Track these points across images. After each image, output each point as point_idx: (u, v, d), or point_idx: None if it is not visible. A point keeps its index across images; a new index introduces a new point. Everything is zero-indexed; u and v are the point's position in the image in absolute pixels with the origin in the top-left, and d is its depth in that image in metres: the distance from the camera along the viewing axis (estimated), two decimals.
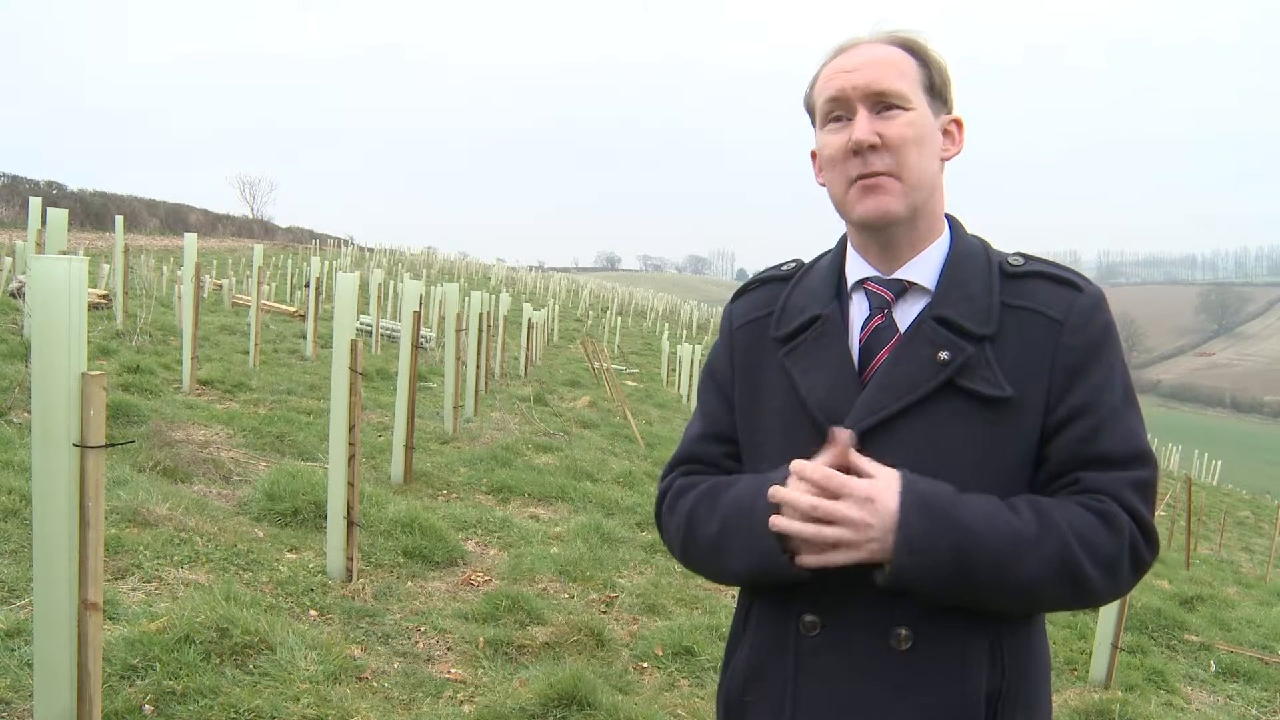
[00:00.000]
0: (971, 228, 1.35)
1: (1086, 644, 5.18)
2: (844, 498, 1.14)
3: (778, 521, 1.17)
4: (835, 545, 1.15)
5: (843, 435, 1.17)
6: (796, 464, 1.17)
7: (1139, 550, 1.18)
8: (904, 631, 1.19)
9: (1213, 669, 5.55)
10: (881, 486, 1.14)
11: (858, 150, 1.22)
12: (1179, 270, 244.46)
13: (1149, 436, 1.27)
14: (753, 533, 1.21)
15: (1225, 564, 13.39)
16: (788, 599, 1.25)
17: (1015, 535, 1.13)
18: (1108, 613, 4.74)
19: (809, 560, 1.17)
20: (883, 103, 1.23)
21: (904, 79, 1.24)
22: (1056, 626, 5.69)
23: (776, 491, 1.17)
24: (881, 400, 1.21)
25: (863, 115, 1.22)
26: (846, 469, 1.17)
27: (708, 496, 1.31)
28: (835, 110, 1.25)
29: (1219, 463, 40.96)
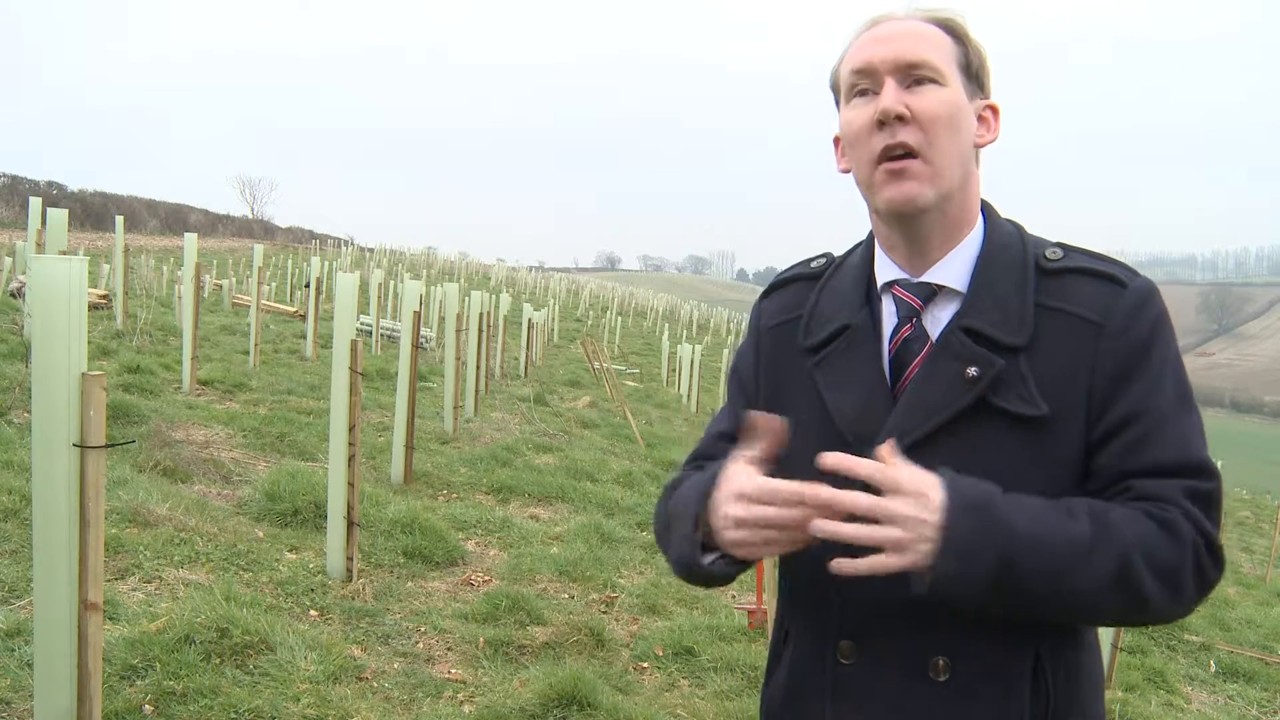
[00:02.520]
0: (1016, 222, 1.25)
1: None
2: (895, 494, 1.03)
3: (823, 525, 1.04)
4: (884, 547, 1.03)
5: (886, 446, 1.08)
6: (836, 458, 1.05)
7: (1203, 565, 1.08)
8: (942, 661, 1.13)
9: (1213, 669, 5.55)
10: (932, 482, 1.04)
11: (884, 121, 1.12)
12: (1179, 270, 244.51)
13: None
14: (684, 518, 1.17)
15: (1225, 564, 13.36)
16: (824, 621, 1.20)
17: (1070, 542, 1.04)
18: None
19: (850, 565, 1.05)
20: (913, 75, 1.13)
21: (938, 52, 1.15)
22: None
23: (821, 493, 1.04)
24: (910, 422, 1.13)
25: (891, 85, 1.13)
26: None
27: (672, 486, 1.28)
28: (861, 83, 1.16)
29: (1219, 463, 40.56)
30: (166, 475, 5.75)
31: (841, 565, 1.06)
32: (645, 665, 4.11)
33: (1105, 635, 4.74)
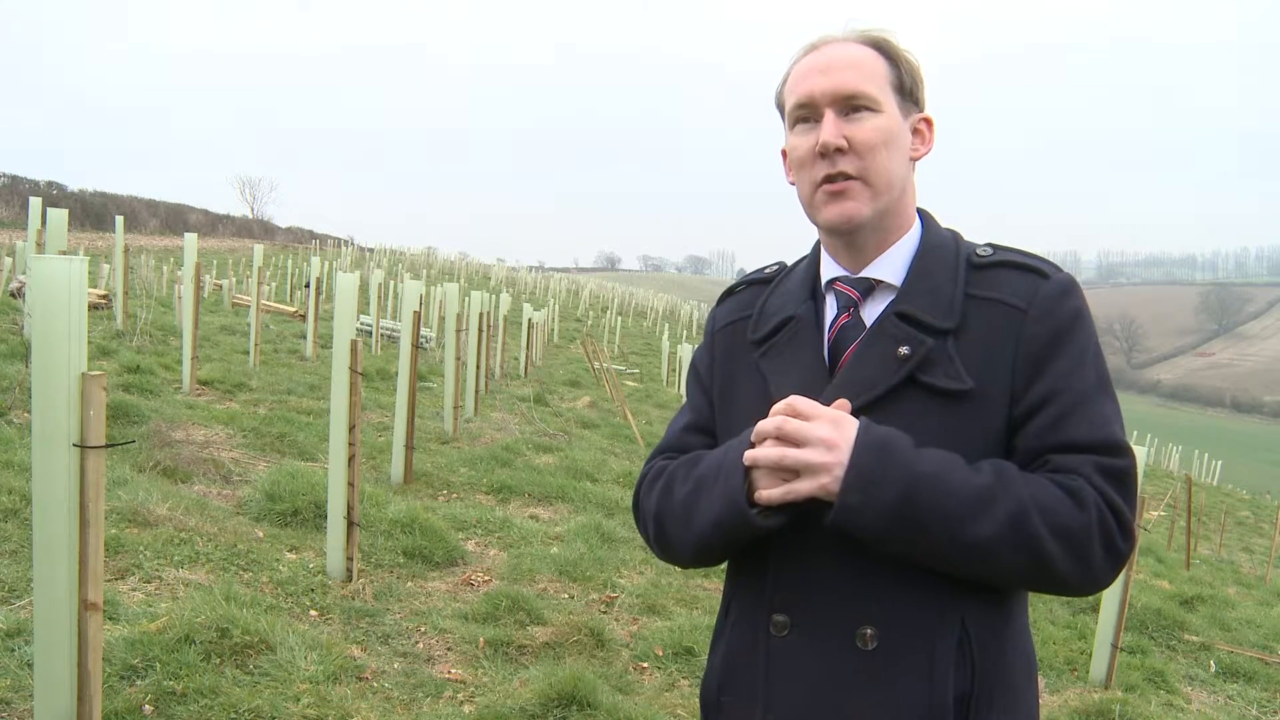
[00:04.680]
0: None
1: (1086, 644, 5.18)
2: (813, 420, 1.14)
3: (750, 453, 1.17)
4: (799, 473, 1.14)
5: (843, 403, 1.18)
6: (780, 402, 1.18)
7: (1110, 534, 1.14)
8: (870, 631, 1.18)
9: (1213, 669, 5.55)
10: (849, 417, 1.15)
11: (824, 153, 1.22)
12: (1179, 270, 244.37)
13: (1132, 431, 1.24)
14: (721, 481, 1.22)
15: (1225, 564, 13.39)
16: (759, 598, 1.26)
17: (971, 490, 1.11)
18: (1108, 613, 4.75)
19: (768, 494, 1.16)
20: (850, 105, 1.22)
21: (872, 81, 1.23)
22: (1057, 626, 5.69)
23: (758, 426, 1.18)
24: (843, 397, 1.21)
25: (830, 118, 1.22)
26: None
27: (687, 463, 1.33)
28: (803, 113, 1.26)
29: (1219, 463, 40.97)
30: (166, 475, 5.75)
31: (761, 495, 1.16)
32: (645, 665, 4.11)
33: (1105, 635, 4.75)
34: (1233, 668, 5.56)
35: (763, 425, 1.17)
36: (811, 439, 1.13)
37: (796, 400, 1.16)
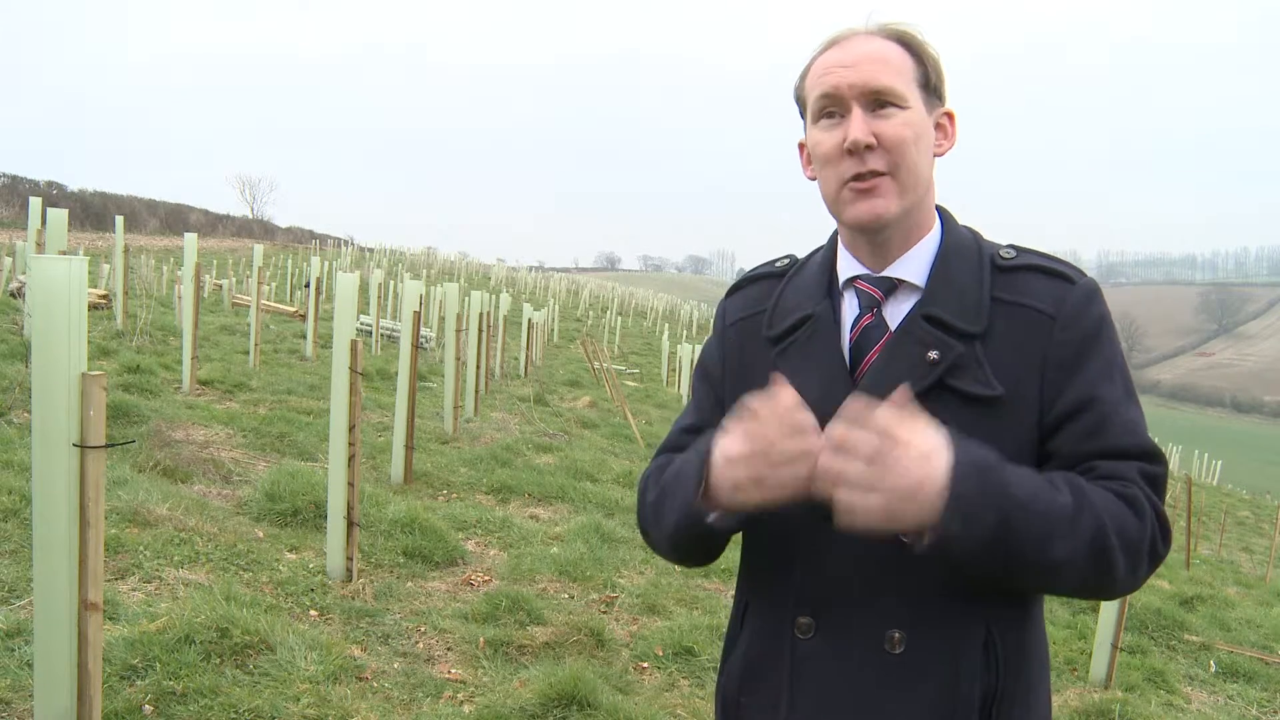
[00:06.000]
0: (971, 227, 1.33)
1: (1086, 644, 5.18)
2: (904, 448, 1.04)
3: (827, 461, 1.06)
4: (874, 491, 1.04)
5: (901, 392, 1.09)
6: (855, 407, 1.06)
7: (1156, 542, 1.15)
8: (897, 634, 1.17)
9: (1213, 669, 5.55)
10: (939, 442, 1.06)
11: (854, 150, 1.19)
12: (1179, 270, 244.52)
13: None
14: (682, 481, 1.20)
15: (1225, 564, 13.38)
16: (783, 598, 1.24)
17: (1058, 511, 1.09)
18: (1108, 613, 4.74)
19: (846, 505, 1.05)
20: (878, 100, 1.20)
21: (900, 76, 1.21)
22: (1057, 627, 5.69)
23: (833, 431, 1.06)
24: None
25: (858, 114, 1.19)
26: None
27: (659, 469, 1.32)
28: (829, 106, 1.22)
29: (1219, 463, 40.99)
30: (166, 475, 5.75)
31: (840, 517, 1.06)
32: (645, 665, 4.11)
33: (1105, 635, 4.74)
34: (1233, 668, 5.56)
35: (850, 437, 1.05)
36: (902, 473, 1.04)
37: (895, 423, 1.05)
